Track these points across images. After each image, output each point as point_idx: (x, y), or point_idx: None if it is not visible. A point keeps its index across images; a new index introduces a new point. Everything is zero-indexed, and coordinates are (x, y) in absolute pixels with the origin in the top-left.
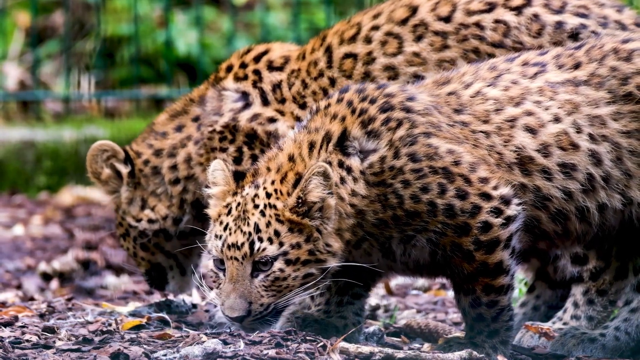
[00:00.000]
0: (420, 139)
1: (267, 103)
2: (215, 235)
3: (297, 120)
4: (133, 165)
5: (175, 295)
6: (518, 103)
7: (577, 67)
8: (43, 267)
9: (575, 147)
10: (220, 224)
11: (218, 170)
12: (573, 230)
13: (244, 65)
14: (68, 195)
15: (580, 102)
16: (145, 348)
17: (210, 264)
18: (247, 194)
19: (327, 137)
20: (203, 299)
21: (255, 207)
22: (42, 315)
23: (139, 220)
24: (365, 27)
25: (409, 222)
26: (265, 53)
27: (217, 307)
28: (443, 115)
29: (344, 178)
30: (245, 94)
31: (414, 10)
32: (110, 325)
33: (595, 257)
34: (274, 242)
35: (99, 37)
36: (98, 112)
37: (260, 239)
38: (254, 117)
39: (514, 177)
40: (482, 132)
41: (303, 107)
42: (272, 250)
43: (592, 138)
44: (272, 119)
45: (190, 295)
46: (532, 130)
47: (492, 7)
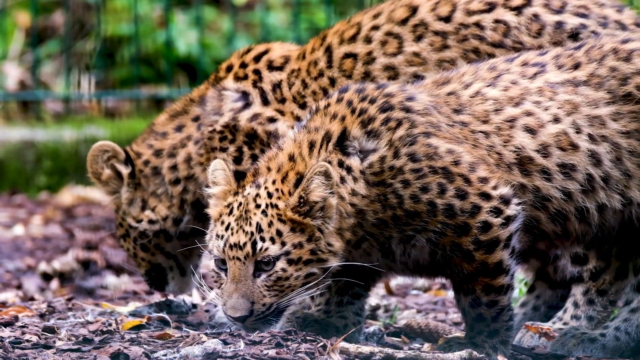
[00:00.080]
0: (420, 139)
1: (267, 103)
2: (217, 235)
3: (297, 120)
4: (133, 166)
5: (175, 296)
6: (517, 103)
7: (576, 67)
8: (43, 267)
9: (575, 147)
10: (222, 224)
11: (219, 170)
12: (572, 231)
13: (244, 65)
14: (68, 195)
15: (580, 102)
16: (146, 348)
17: (211, 264)
18: (248, 194)
19: (327, 136)
20: (203, 299)
21: (257, 206)
22: (42, 315)
23: (140, 221)
24: (365, 27)
25: (409, 222)
26: (266, 53)
27: (217, 307)
28: (442, 115)
29: (344, 177)
30: (246, 94)
31: (414, 10)
32: (111, 325)
33: (595, 257)
34: (276, 241)
35: (99, 37)
36: (98, 112)
37: (263, 239)
38: (254, 116)
39: (514, 177)
40: (481, 132)
41: (303, 106)
42: (274, 250)
43: (591, 138)
44: (272, 119)
45: (191, 296)
46: (531, 131)
47: (492, 7)
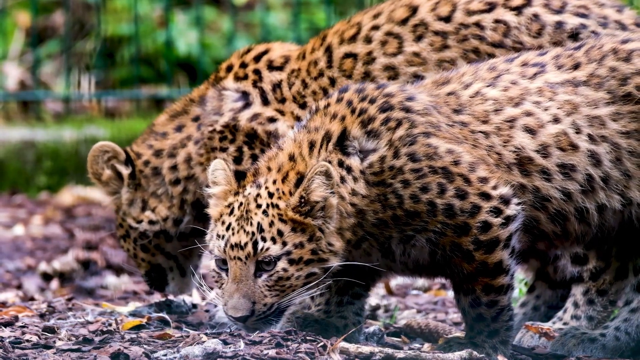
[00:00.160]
0: (420, 139)
1: (267, 103)
2: (218, 235)
3: (297, 120)
4: (134, 167)
5: (175, 296)
6: (517, 103)
7: (576, 67)
8: (43, 267)
9: (575, 147)
10: (223, 224)
11: (219, 170)
12: (572, 231)
13: (244, 65)
14: (68, 195)
15: (580, 102)
16: (146, 348)
17: (212, 264)
18: (249, 194)
19: (327, 136)
20: (203, 299)
21: (258, 206)
22: (42, 315)
23: (140, 222)
24: (366, 27)
25: (409, 222)
26: (266, 53)
27: (217, 307)
28: (442, 115)
29: (344, 177)
30: (246, 94)
31: (414, 10)
32: (111, 325)
33: (595, 257)
34: (277, 241)
35: (99, 37)
36: (98, 112)
37: (264, 239)
38: (254, 116)
39: (513, 177)
40: (481, 132)
41: (303, 106)
42: (275, 250)
43: (591, 139)
44: (272, 119)
45: (191, 296)
46: (531, 131)
47: (492, 7)
